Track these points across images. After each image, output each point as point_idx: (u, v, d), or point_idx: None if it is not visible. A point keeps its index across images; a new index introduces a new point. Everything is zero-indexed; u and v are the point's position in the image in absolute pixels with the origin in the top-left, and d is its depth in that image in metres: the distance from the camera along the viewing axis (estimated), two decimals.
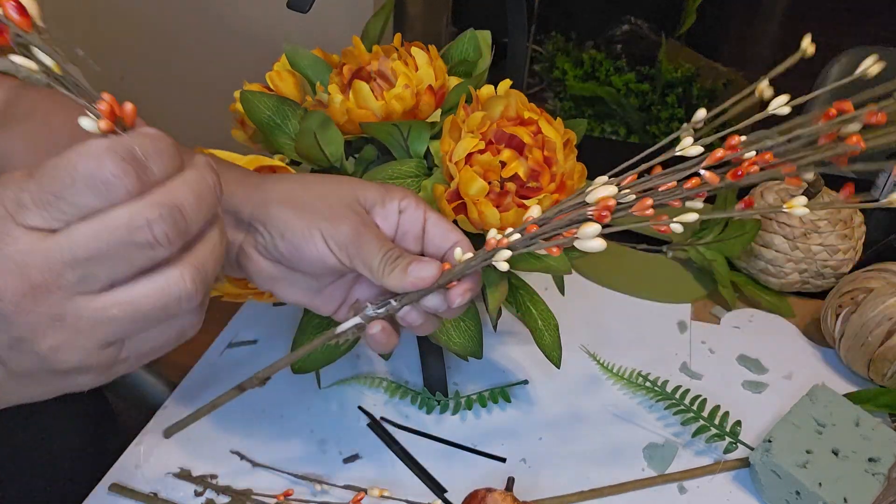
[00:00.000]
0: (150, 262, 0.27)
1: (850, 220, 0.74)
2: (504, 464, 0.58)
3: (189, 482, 0.55)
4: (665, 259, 0.80)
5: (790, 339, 0.72)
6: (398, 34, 0.57)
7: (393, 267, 0.38)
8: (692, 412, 0.60)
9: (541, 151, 0.50)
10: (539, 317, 0.57)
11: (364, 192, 0.41)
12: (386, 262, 0.38)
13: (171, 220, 0.27)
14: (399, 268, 0.38)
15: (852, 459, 0.54)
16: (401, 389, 0.63)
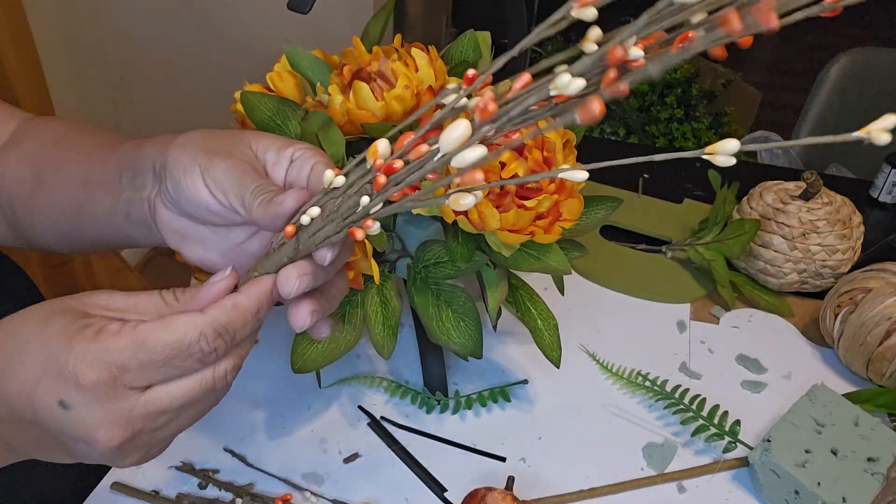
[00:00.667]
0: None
1: (848, 220, 0.74)
2: (504, 463, 0.58)
3: (191, 475, 0.55)
4: (664, 259, 0.80)
5: (789, 339, 0.72)
6: (398, 35, 0.57)
7: (261, 199, 0.35)
8: (691, 412, 0.61)
9: (540, 152, 0.50)
10: (539, 316, 0.57)
11: (262, 140, 0.39)
12: (255, 194, 0.36)
13: (239, 367, 0.35)
14: (266, 199, 0.35)
15: (851, 459, 0.54)
16: (401, 389, 0.63)
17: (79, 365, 0.30)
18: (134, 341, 0.31)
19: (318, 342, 0.54)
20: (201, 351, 0.32)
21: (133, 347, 0.31)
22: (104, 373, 0.30)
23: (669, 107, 1.81)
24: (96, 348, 0.30)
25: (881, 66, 1.32)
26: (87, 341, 0.31)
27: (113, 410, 0.31)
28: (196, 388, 0.33)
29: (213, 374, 0.33)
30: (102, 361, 0.30)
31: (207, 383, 0.33)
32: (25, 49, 1.16)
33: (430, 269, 0.55)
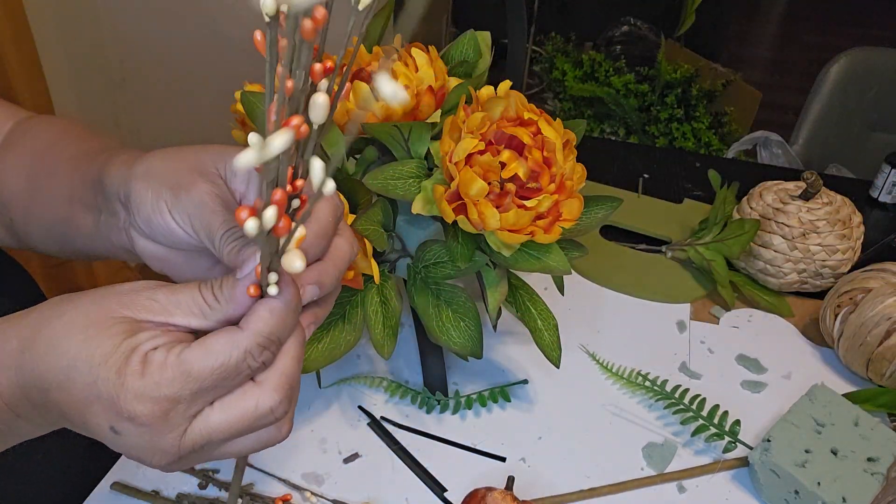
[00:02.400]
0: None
1: (848, 220, 0.74)
2: (504, 463, 0.58)
3: (191, 475, 0.55)
4: (664, 259, 0.80)
5: (789, 339, 0.72)
6: (398, 35, 0.57)
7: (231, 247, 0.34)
8: (691, 411, 0.61)
9: (540, 152, 0.50)
10: (538, 316, 0.57)
11: (227, 157, 0.38)
12: (226, 241, 0.34)
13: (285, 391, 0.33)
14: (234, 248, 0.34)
15: (851, 459, 0.54)
16: (401, 389, 0.63)
17: (132, 403, 0.30)
18: (181, 372, 0.30)
19: (318, 343, 0.54)
20: (249, 368, 0.32)
21: (182, 378, 0.30)
22: (156, 407, 0.30)
23: (669, 107, 1.81)
24: (145, 384, 0.30)
25: (881, 66, 1.32)
26: (135, 377, 0.30)
27: (163, 441, 0.31)
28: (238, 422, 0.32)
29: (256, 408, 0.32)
30: (154, 397, 0.30)
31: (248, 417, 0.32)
32: (25, 49, 1.16)
33: (430, 269, 0.55)
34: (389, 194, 0.50)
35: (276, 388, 0.33)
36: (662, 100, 1.83)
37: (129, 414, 0.30)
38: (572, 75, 1.91)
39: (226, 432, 0.32)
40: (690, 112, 1.81)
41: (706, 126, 1.77)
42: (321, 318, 0.37)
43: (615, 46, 2.12)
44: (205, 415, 0.32)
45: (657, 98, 1.83)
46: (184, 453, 0.32)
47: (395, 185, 0.51)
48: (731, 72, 1.85)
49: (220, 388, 0.31)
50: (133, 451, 0.32)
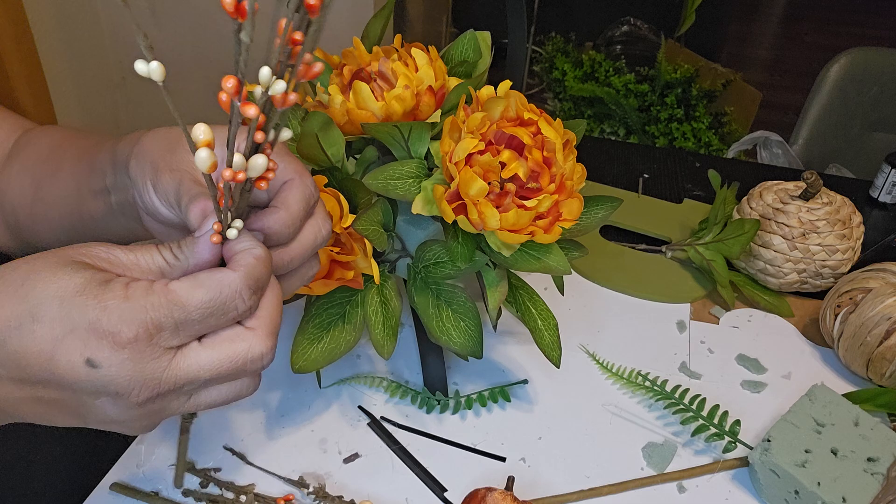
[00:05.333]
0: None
1: (848, 220, 0.74)
2: (504, 463, 0.58)
3: (192, 474, 0.55)
4: (664, 259, 0.80)
5: (789, 339, 0.72)
6: (398, 35, 0.57)
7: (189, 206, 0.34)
8: (691, 411, 0.61)
9: (540, 152, 0.50)
10: (539, 316, 0.58)
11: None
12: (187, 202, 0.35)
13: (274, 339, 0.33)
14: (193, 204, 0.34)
15: (851, 459, 0.55)
16: (401, 389, 0.63)
17: (114, 322, 0.29)
18: (169, 300, 0.30)
19: (318, 342, 0.54)
20: (237, 309, 0.31)
21: (169, 306, 0.30)
22: (141, 331, 0.29)
23: (669, 107, 1.81)
24: (131, 306, 0.29)
25: (881, 66, 1.32)
26: (119, 299, 0.29)
27: (145, 370, 0.30)
28: (227, 363, 0.32)
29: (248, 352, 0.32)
30: (140, 320, 0.29)
31: (238, 361, 0.32)
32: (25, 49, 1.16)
33: (430, 269, 0.55)
34: (389, 194, 0.50)
35: (269, 336, 0.33)
36: (662, 100, 1.83)
37: (112, 336, 0.29)
38: (572, 75, 1.91)
39: (212, 372, 0.32)
40: (690, 112, 1.81)
41: (706, 126, 1.77)
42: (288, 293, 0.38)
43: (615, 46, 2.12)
44: (193, 349, 0.31)
45: (657, 98, 1.83)
46: (164, 389, 0.31)
47: (395, 185, 0.51)
48: (731, 72, 1.85)
49: (204, 324, 0.31)
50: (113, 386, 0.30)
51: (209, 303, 0.31)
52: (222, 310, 0.31)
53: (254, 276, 0.32)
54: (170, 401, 0.32)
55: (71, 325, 0.29)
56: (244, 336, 0.32)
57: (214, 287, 0.31)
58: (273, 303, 0.34)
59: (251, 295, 0.32)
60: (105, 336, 0.29)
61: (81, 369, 0.30)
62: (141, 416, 0.32)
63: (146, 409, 0.31)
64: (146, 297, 0.30)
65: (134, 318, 0.29)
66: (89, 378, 0.30)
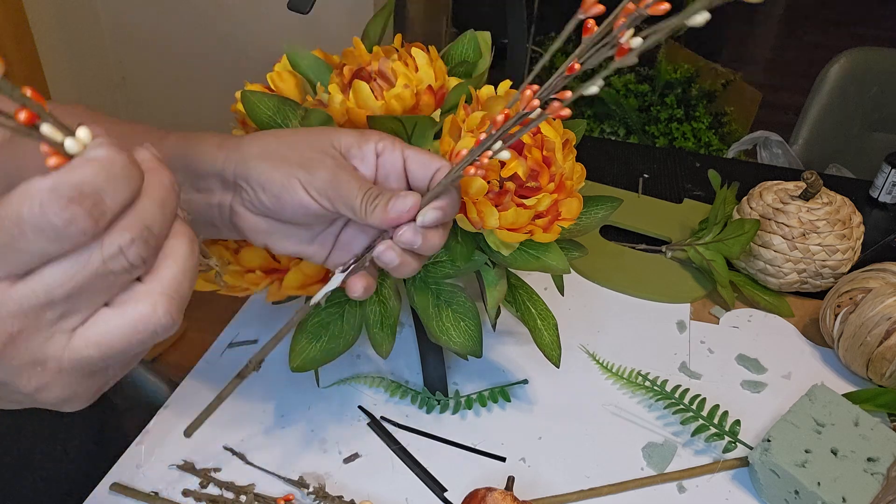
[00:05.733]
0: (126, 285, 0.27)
1: (848, 220, 0.74)
2: (504, 463, 0.58)
3: (192, 475, 0.55)
4: (664, 259, 0.80)
5: (789, 339, 0.72)
6: (398, 35, 0.57)
7: (374, 205, 0.38)
8: (691, 411, 0.61)
9: (540, 151, 0.50)
10: (538, 316, 0.57)
11: (339, 137, 0.41)
12: (367, 201, 0.38)
13: (143, 241, 0.26)
14: (380, 205, 0.38)
15: (851, 459, 0.54)
16: (401, 389, 0.63)
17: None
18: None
19: (316, 342, 0.54)
20: (52, 225, 0.24)
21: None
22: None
23: (669, 107, 1.81)
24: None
25: (881, 66, 1.32)
26: None
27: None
28: (76, 269, 0.25)
29: (101, 251, 0.25)
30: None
31: (93, 263, 0.25)
32: (25, 49, 1.16)
33: (429, 268, 0.55)
34: None
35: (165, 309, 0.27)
36: (662, 100, 1.83)
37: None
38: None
39: (67, 284, 0.25)
40: (690, 112, 1.81)
41: (706, 126, 1.77)
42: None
43: None
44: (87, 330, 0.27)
45: (657, 98, 1.83)
46: (14, 327, 0.25)
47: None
48: (731, 72, 1.85)
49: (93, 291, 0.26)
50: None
51: (10, 218, 0.24)
52: (32, 229, 0.24)
53: (71, 182, 0.24)
54: (36, 342, 0.26)
55: None
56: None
57: (14, 200, 0.24)
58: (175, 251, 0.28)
59: (68, 204, 0.24)
60: None
61: None
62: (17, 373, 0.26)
63: (15, 364, 0.26)
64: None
65: None
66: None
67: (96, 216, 0.24)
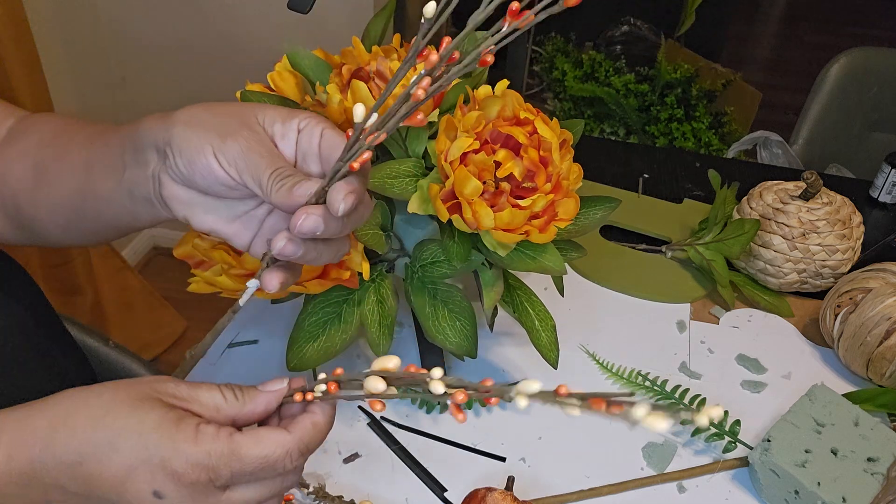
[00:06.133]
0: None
1: (848, 220, 0.74)
2: (504, 463, 0.58)
3: None
4: (664, 259, 0.80)
5: (789, 339, 0.72)
6: (398, 35, 0.57)
7: (281, 184, 0.37)
8: (691, 411, 0.60)
9: (536, 151, 0.50)
10: (536, 317, 0.57)
11: (266, 112, 0.40)
12: (274, 179, 0.37)
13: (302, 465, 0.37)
14: (286, 186, 0.37)
15: (851, 459, 0.54)
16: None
17: (182, 464, 0.34)
18: (231, 450, 0.34)
19: (313, 341, 0.54)
20: (284, 468, 0.36)
21: (229, 456, 0.34)
22: (203, 475, 0.34)
23: (669, 107, 1.81)
24: (198, 451, 0.34)
25: (881, 66, 1.32)
26: (189, 442, 0.34)
27: (201, 502, 0.35)
28: (267, 493, 0.37)
29: (282, 483, 0.37)
30: (203, 465, 0.34)
31: (277, 489, 0.37)
32: (25, 49, 1.16)
33: (426, 268, 0.55)
34: (386, 193, 0.50)
35: (301, 454, 0.37)
36: (662, 100, 1.83)
37: (178, 475, 0.34)
38: (572, 75, 1.91)
39: (254, 500, 0.36)
40: (690, 112, 1.81)
41: (706, 126, 1.77)
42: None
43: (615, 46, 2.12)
44: (240, 488, 0.36)
45: (657, 98, 1.83)
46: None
47: (392, 184, 0.50)
48: (731, 72, 1.85)
49: (254, 476, 0.36)
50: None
51: (263, 460, 0.35)
52: (272, 467, 0.35)
53: (305, 440, 0.36)
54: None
55: (145, 458, 0.34)
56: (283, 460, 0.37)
57: (270, 445, 0.35)
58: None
59: (299, 457, 0.36)
60: (173, 474, 0.34)
61: (147, 498, 0.34)
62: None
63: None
64: (213, 443, 0.34)
65: (199, 462, 0.34)
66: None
67: (303, 464, 0.37)
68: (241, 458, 0.35)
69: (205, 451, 0.34)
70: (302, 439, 0.36)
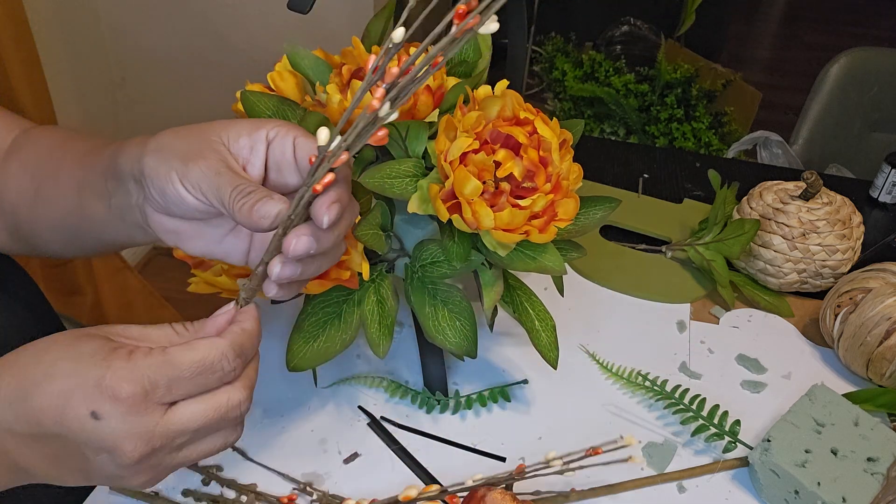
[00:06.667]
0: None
1: (848, 220, 0.74)
2: (504, 463, 0.58)
3: (194, 472, 0.55)
4: (664, 259, 0.80)
5: (789, 339, 0.72)
6: None
7: (242, 203, 0.36)
8: (691, 411, 0.61)
9: (536, 151, 0.50)
10: (536, 317, 0.57)
11: (230, 129, 0.39)
12: (235, 197, 0.37)
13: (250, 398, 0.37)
14: (247, 204, 0.36)
15: (851, 459, 0.54)
16: (401, 389, 0.63)
17: (115, 379, 0.33)
18: (164, 360, 0.34)
19: (313, 341, 0.54)
20: (223, 369, 0.35)
21: (163, 365, 0.34)
22: (137, 387, 0.33)
23: (669, 107, 1.81)
24: (131, 366, 0.34)
25: (881, 66, 1.32)
26: (122, 360, 0.34)
27: (140, 424, 0.34)
28: (212, 412, 0.35)
29: (228, 401, 0.36)
30: (136, 377, 0.33)
31: (221, 409, 0.36)
32: (25, 49, 1.16)
33: (426, 268, 0.55)
34: (386, 193, 0.50)
35: (245, 387, 0.37)
36: (662, 100, 1.82)
37: (112, 391, 0.33)
38: (572, 75, 1.91)
39: (199, 422, 0.35)
40: (690, 112, 1.81)
41: (706, 126, 1.77)
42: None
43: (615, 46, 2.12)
44: (181, 405, 0.35)
45: (657, 98, 1.83)
46: (157, 443, 0.34)
47: (392, 184, 0.50)
48: (731, 72, 1.85)
49: (195, 382, 0.35)
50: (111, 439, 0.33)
51: (199, 363, 0.35)
52: (210, 369, 0.35)
53: (238, 342, 0.36)
54: (163, 455, 0.35)
55: (80, 381, 0.33)
56: (223, 389, 0.36)
57: (203, 348, 0.35)
58: (253, 369, 0.38)
59: (234, 357, 0.36)
60: (107, 390, 0.33)
61: (87, 421, 0.33)
62: (137, 472, 0.35)
63: (142, 465, 0.35)
64: (144, 358, 0.34)
65: (132, 376, 0.33)
66: (94, 430, 0.33)
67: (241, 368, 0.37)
68: (175, 365, 0.34)
69: (137, 364, 0.34)
70: (235, 341, 0.36)
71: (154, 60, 1.60)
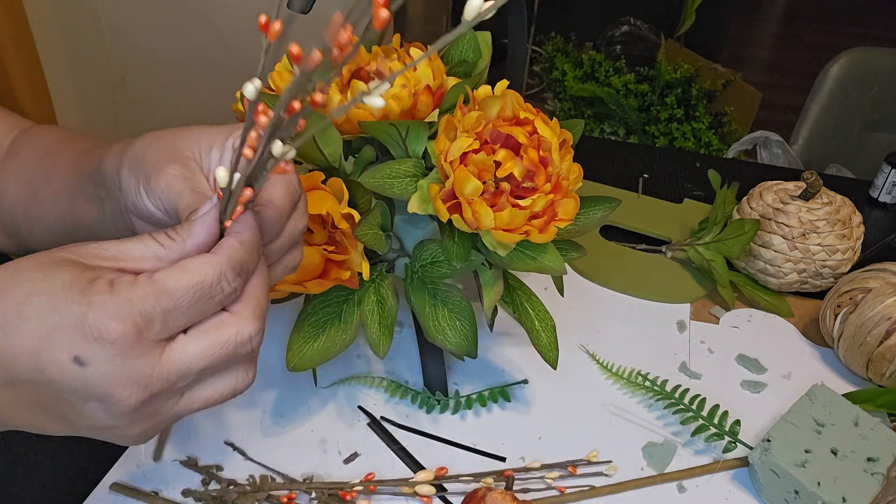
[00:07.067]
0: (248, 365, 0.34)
1: (848, 220, 0.74)
2: (504, 463, 0.58)
3: (195, 471, 0.55)
4: (664, 259, 0.80)
5: (789, 339, 0.72)
6: (397, 34, 0.57)
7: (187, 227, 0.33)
8: (691, 411, 0.61)
9: (536, 151, 0.50)
10: (536, 317, 0.57)
11: (203, 139, 0.38)
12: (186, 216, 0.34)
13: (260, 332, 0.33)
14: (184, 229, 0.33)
15: (851, 459, 0.54)
16: (401, 389, 0.63)
17: (100, 318, 0.28)
18: (155, 289, 0.29)
19: (313, 341, 0.54)
20: (223, 291, 0.31)
21: (155, 295, 0.29)
22: (129, 325, 0.28)
23: (669, 107, 1.81)
24: (117, 300, 0.29)
25: (881, 66, 1.32)
26: (104, 293, 0.29)
27: (135, 367, 0.29)
28: (218, 349, 0.31)
29: (237, 335, 0.31)
30: (126, 313, 0.28)
31: (230, 345, 0.31)
32: (25, 49, 1.16)
33: (426, 268, 0.55)
34: (386, 193, 0.50)
35: (255, 317, 0.32)
36: (662, 100, 1.83)
37: (97, 332, 0.28)
38: (572, 75, 1.91)
39: (204, 361, 0.31)
40: (690, 112, 1.81)
41: (706, 126, 1.77)
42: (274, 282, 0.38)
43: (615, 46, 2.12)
44: (181, 341, 0.31)
45: (657, 98, 1.83)
46: (155, 388, 0.30)
47: (392, 184, 0.50)
48: (731, 72, 1.85)
49: (193, 310, 0.30)
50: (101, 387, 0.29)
51: (195, 287, 0.30)
52: (209, 293, 0.30)
53: (236, 258, 0.31)
54: (163, 401, 0.31)
55: (58, 321, 0.28)
56: (230, 320, 0.32)
57: (198, 269, 0.30)
58: (259, 286, 0.33)
59: (235, 276, 0.31)
60: (92, 331, 0.28)
61: (69, 368, 0.29)
62: (133, 421, 0.31)
63: (139, 413, 0.30)
64: (131, 289, 0.29)
65: (120, 311, 0.28)
66: (78, 377, 0.29)
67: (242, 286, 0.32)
68: (169, 293, 0.29)
69: (124, 298, 0.29)
70: (232, 257, 0.31)
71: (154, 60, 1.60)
